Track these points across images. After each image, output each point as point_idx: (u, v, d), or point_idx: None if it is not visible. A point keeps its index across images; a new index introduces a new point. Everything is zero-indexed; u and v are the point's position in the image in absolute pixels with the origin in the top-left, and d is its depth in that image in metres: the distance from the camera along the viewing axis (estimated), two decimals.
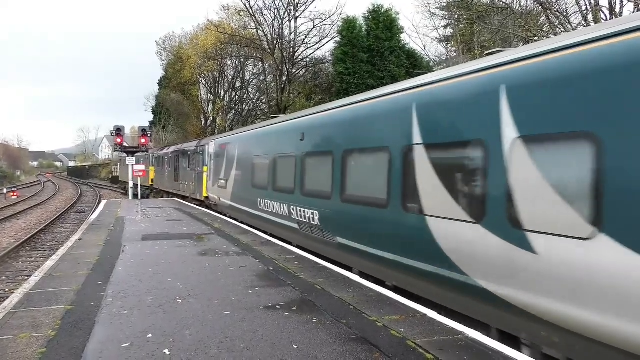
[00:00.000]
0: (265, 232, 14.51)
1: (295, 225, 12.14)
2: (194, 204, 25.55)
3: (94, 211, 23.67)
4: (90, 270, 9.12)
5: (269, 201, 13.99)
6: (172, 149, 33.82)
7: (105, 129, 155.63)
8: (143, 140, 29.35)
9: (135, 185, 30.50)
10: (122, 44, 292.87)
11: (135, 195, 30.83)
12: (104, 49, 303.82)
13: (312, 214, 11.05)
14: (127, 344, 5.42)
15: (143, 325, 6.03)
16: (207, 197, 23.30)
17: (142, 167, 30.60)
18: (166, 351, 5.22)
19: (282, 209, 12.92)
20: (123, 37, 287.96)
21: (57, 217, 27.21)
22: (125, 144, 30.24)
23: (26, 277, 11.75)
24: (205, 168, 23.65)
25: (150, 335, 5.68)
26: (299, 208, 11.83)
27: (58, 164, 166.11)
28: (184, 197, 28.59)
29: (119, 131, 28.58)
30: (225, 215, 19.78)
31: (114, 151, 53.90)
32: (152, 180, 39.63)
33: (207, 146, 23.78)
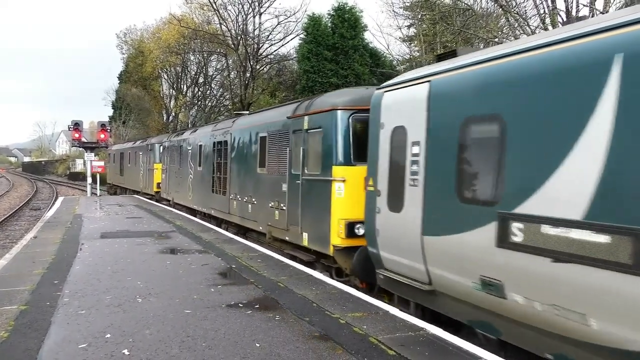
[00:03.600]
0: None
1: None
2: (293, 254, 10.87)
3: (51, 208, 22.99)
4: (45, 269, 8.86)
5: None
6: (207, 130, 18.50)
7: (62, 123, 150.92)
8: (102, 136, 28.72)
9: (94, 181, 29.67)
10: (81, 36, 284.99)
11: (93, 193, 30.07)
12: (61, 41, 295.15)
13: None
14: (84, 345, 5.28)
15: (101, 325, 5.89)
16: (383, 267, 8.02)
17: (102, 164, 29.91)
18: (125, 351, 5.12)
19: None
20: (82, 29, 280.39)
21: (10, 215, 26.27)
22: (83, 139, 29.49)
23: None
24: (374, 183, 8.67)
25: (108, 335, 5.56)
26: None
27: (12, 159, 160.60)
28: (241, 229, 14.49)
29: (77, 126, 27.88)
30: None
31: (72, 146, 52.46)
32: (158, 185, 25.62)
33: (385, 108, 8.08)
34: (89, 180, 29.34)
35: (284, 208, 11.02)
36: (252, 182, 13.34)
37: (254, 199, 13.03)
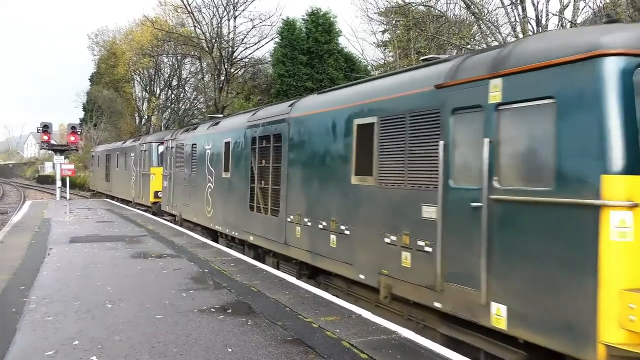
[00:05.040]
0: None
1: None
2: (456, 338, 6.18)
3: (18, 212, 22.46)
4: (12, 275, 8.64)
5: None
6: (237, 121, 13.74)
7: (31, 125, 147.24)
8: (72, 138, 28.23)
9: (64, 185, 29.03)
10: (53, 36, 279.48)
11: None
12: (29, 40, 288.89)
13: None
14: (51, 352, 5.17)
15: (69, 332, 5.77)
16: None
17: (71, 167, 29.34)
18: (94, 358, 5.03)
19: None
20: (54, 30, 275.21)
21: None
22: (53, 142, 28.91)
23: None
24: None
25: (77, 342, 5.45)
26: None
27: None
28: (304, 266, 9.80)
29: (46, 128, 27.36)
30: None
31: (41, 149, 51.45)
32: (157, 194, 21.27)
33: None
34: (59, 183, 28.77)
35: (428, 249, 6.35)
36: (338, 198, 8.44)
37: (343, 227, 8.21)
